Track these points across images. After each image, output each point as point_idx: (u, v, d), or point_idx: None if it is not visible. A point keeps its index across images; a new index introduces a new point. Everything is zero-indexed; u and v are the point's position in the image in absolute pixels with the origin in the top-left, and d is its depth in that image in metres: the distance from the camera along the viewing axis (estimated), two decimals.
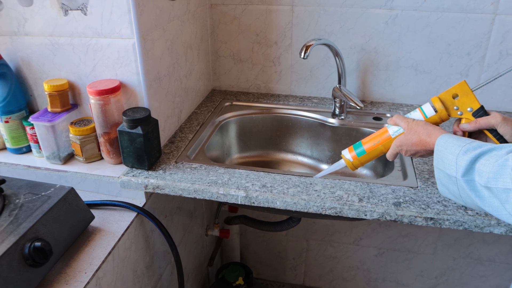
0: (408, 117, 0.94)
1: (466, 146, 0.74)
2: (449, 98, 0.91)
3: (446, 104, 0.91)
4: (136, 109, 1.07)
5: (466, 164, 0.72)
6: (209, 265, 1.71)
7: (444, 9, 1.33)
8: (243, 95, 1.57)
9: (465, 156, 0.72)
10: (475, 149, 0.72)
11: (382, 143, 0.96)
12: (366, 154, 0.99)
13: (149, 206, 1.13)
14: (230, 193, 1.00)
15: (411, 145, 0.89)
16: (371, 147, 0.98)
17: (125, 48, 1.04)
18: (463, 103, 0.90)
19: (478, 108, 0.89)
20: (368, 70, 1.46)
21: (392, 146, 0.94)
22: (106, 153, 1.13)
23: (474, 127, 0.88)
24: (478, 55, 1.37)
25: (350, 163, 1.01)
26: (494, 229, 0.92)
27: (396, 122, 0.95)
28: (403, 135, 0.91)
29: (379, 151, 0.98)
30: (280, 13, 1.43)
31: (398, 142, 0.92)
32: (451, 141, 0.79)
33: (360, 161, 1.00)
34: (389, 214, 0.94)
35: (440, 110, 0.91)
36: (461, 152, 0.74)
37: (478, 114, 0.89)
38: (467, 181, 0.72)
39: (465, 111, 0.90)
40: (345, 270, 1.88)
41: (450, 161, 0.76)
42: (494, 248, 1.66)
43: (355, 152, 1.00)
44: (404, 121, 0.92)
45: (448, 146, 0.78)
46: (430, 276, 1.80)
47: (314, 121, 1.41)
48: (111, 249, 0.95)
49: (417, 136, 0.88)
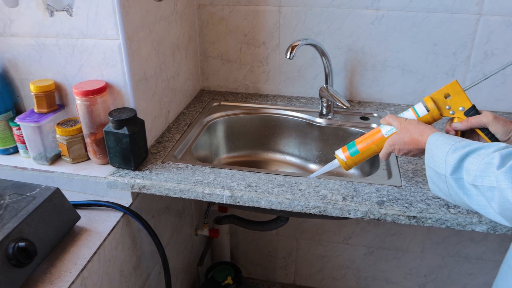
0: (400, 117, 0.95)
1: (455, 144, 0.75)
2: (441, 97, 0.92)
3: (438, 103, 0.92)
4: (122, 109, 1.07)
5: (454, 163, 0.72)
6: (199, 265, 1.71)
7: (430, 9, 1.34)
8: (232, 95, 1.57)
9: (454, 155, 0.73)
10: (464, 148, 0.73)
11: (375, 142, 0.97)
12: (359, 153, 0.99)
13: (136, 206, 1.13)
14: (215, 193, 1.01)
15: (404, 144, 0.90)
16: (365, 147, 0.98)
17: (111, 49, 1.05)
18: (455, 102, 0.91)
19: (470, 107, 0.90)
20: (355, 70, 1.47)
21: (385, 146, 0.94)
22: (92, 154, 1.13)
23: (466, 126, 0.89)
24: (463, 55, 1.39)
25: (344, 163, 1.02)
26: (476, 227, 0.94)
27: (389, 122, 0.95)
28: (396, 134, 0.92)
29: (372, 150, 0.98)
30: (267, 13, 1.44)
31: (391, 141, 0.92)
32: (441, 140, 0.79)
33: (354, 160, 1.01)
34: (373, 213, 0.95)
35: (432, 110, 0.92)
36: (450, 151, 0.75)
37: (469, 113, 0.90)
38: (455, 179, 0.72)
39: (457, 111, 0.91)
40: (335, 269, 1.89)
41: (439, 159, 0.77)
42: (482, 246, 1.68)
43: (349, 152, 1.00)
44: (397, 121, 0.93)
45: (438, 145, 0.79)
46: (419, 275, 1.82)
47: (301, 121, 1.42)
48: (97, 249, 0.95)
49: (410, 135, 0.89)
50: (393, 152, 0.94)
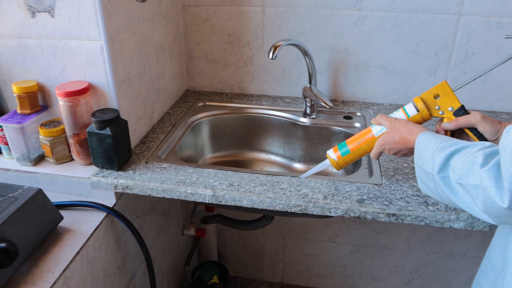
0: (391, 117, 0.95)
1: (442, 143, 0.76)
2: (430, 98, 0.93)
3: (427, 104, 0.93)
4: (105, 110, 1.08)
5: (441, 161, 0.74)
6: (186, 264, 1.72)
7: (411, 9, 1.36)
8: (217, 95, 1.58)
9: (440, 153, 0.74)
10: (450, 147, 0.74)
11: (366, 142, 0.98)
12: (350, 153, 1.00)
13: (120, 206, 1.14)
14: (198, 192, 1.02)
15: (394, 144, 0.91)
16: (355, 147, 0.99)
17: (93, 50, 1.05)
18: (444, 102, 0.92)
19: (459, 108, 0.91)
20: (339, 69, 1.49)
21: (376, 145, 0.95)
22: (76, 154, 1.13)
23: (455, 126, 0.90)
24: (445, 54, 1.41)
25: (335, 163, 1.02)
26: (454, 224, 0.95)
27: (379, 122, 0.96)
28: (386, 134, 0.93)
29: (363, 150, 0.99)
30: (251, 14, 1.45)
31: (381, 141, 0.93)
32: (430, 139, 0.80)
33: (345, 160, 1.01)
34: (353, 211, 0.96)
35: (422, 110, 0.93)
36: (438, 149, 0.76)
37: (458, 113, 0.91)
38: (442, 178, 0.73)
39: (446, 111, 0.92)
40: (322, 267, 1.91)
41: (427, 158, 0.78)
42: (465, 243, 1.70)
43: (340, 152, 1.01)
44: (387, 120, 0.94)
45: (427, 144, 0.80)
46: (405, 272, 1.84)
47: (286, 120, 1.44)
48: (80, 249, 0.96)
49: (399, 135, 0.89)
50: (383, 151, 0.94)
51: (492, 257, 0.79)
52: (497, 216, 0.64)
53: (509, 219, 0.64)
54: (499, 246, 0.77)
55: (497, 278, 0.75)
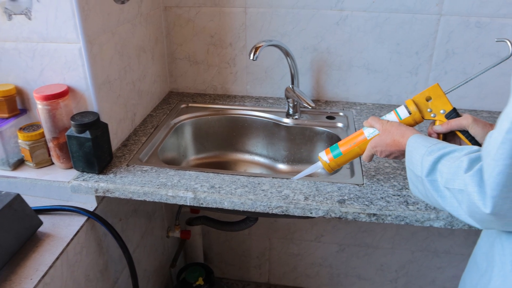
0: (383, 119, 0.95)
1: (431, 147, 0.76)
2: (422, 100, 0.93)
3: (420, 106, 0.93)
4: (84, 113, 1.07)
5: (429, 165, 0.74)
6: (171, 267, 1.71)
7: (392, 9, 1.37)
8: (200, 97, 1.57)
9: (429, 157, 0.74)
10: (439, 150, 0.74)
11: (358, 144, 0.98)
12: (342, 155, 1.00)
13: (101, 209, 1.13)
14: (179, 195, 1.01)
15: (386, 146, 0.90)
16: (348, 149, 0.99)
17: (72, 53, 1.04)
18: (436, 105, 0.92)
19: (451, 110, 0.91)
20: (321, 70, 1.49)
21: (368, 148, 0.95)
22: (56, 158, 1.12)
23: (446, 129, 0.90)
24: (426, 54, 1.42)
25: (327, 165, 1.02)
26: (433, 223, 0.96)
27: (371, 124, 0.96)
28: (378, 136, 0.93)
29: (355, 152, 0.99)
30: (233, 15, 1.45)
31: (373, 143, 0.93)
32: (419, 142, 0.80)
33: (337, 162, 1.01)
34: (334, 212, 0.97)
35: (414, 112, 0.93)
36: (426, 153, 0.76)
37: (450, 116, 0.91)
38: (430, 181, 0.73)
39: (438, 113, 0.92)
40: (308, 267, 1.91)
41: (417, 161, 0.78)
42: (449, 240, 1.72)
43: (332, 154, 1.01)
44: (379, 123, 0.94)
45: (417, 147, 0.80)
46: (390, 270, 1.85)
47: (269, 121, 1.44)
48: (59, 254, 0.95)
49: (391, 137, 0.89)
50: (375, 154, 0.94)
51: (477, 257, 0.79)
52: (482, 221, 0.64)
53: (493, 224, 0.64)
54: (484, 247, 0.77)
55: (480, 278, 0.75)
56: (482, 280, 0.74)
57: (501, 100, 1.45)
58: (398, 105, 1.49)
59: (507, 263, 0.67)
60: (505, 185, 0.58)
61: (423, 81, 1.46)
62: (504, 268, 0.68)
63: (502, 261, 0.68)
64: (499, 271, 0.69)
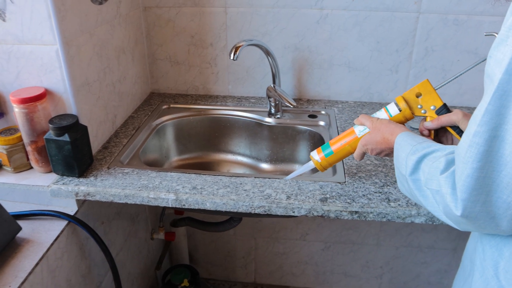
0: (373, 117, 0.95)
1: (416, 146, 0.76)
2: (412, 97, 0.92)
3: (410, 103, 0.92)
4: (63, 116, 1.05)
5: (412, 164, 0.73)
6: (156, 269, 1.70)
7: (372, 8, 1.38)
8: (182, 97, 1.57)
9: (412, 156, 0.74)
10: (423, 149, 0.73)
11: (349, 143, 0.97)
12: (334, 154, 0.99)
13: (83, 213, 1.11)
14: (161, 197, 1.00)
15: (376, 144, 0.90)
16: (339, 148, 0.98)
17: (49, 55, 1.03)
18: (426, 101, 0.91)
19: (441, 106, 0.90)
20: (303, 68, 1.49)
21: (358, 146, 0.94)
22: (35, 162, 1.10)
23: (437, 125, 0.89)
24: (406, 51, 1.43)
25: (319, 164, 1.01)
26: (415, 219, 0.97)
27: (361, 122, 0.95)
28: (368, 134, 0.92)
29: (346, 151, 0.98)
30: (214, 15, 1.44)
31: (364, 141, 0.92)
32: (406, 140, 0.80)
33: (329, 161, 1.00)
34: (316, 210, 0.97)
35: (404, 109, 0.92)
36: (411, 152, 0.75)
37: (441, 111, 0.90)
38: (413, 180, 0.73)
39: (428, 109, 0.91)
40: (294, 265, 1.91)
41: (402, 160, 0.77)
42: (432, 236, 1.74)
43: (323, 153, 1.00)
44: (369, 121, 0.93)
45: (403, 145, 0.80)
46: (375, 266, 1.87)
47: (251, 121, 1.43)
48: (39, 259, 0.93)
49: (381, 135, 0.89)
50: (366, 152, 0.94)
51: (464, 261, 0.79)
52: (457, 222, 0.65)
53: (468, 226, 0.64)
54: (469, 249, 0.77)
55: (465, 282, 0.75)
56: (466, 283, 0.74)
57: (480, 96, 1.46)
58: (379, 103, 1.52)
59: (488, 268, 0.67)
60: (474, 188, 0.58)
61: (404, 79, 1.47)
62: (485, 273, 0.67)
63: (483, 266, 0.68)
64: (480, 276, 0.68)
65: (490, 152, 0.57)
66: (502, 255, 0.65)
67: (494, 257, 0.66)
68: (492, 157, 0.57)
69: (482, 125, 0.57)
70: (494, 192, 0.58)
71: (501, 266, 0.64)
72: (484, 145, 0.57)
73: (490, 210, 0.59)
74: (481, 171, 0.58)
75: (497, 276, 0.65)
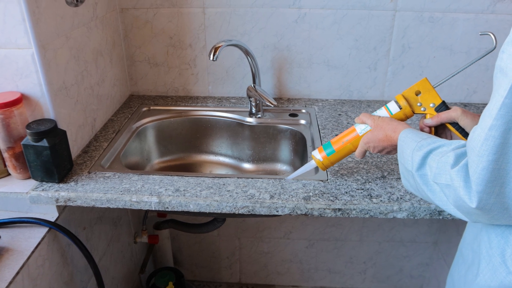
0: (374, 115, 0.96)
1: (421, 142, 0.77)
2: (412, 95, 0.94)
3: (409, 101, 0.94)
4: (41, 121, 1.03)
5: (419, 159, 0.75)
6: (140, 273, 1.68)
7: (349, 6, 1.39)
8: (162, 99, 1.55)
9: (419, 152, 0.75)
10: (429, 145, 0.75)
11: (351, 141, 0.98)
12: (335, 153, 0.99)
13: (64, 219, 1.09)
14: (143, 200, 1.00)
15: (378, 141, 0.91)
16: (340, 146, 0.99)
17: (24, 59, 1.00)
18: (426, 99, 0.93)
19: (440, 104, 0.92)
20: (282, 68, 1.50)
21: (360, 144, 0.95)
22: (12, 169, 1.08)
23: (436, 122, 0.90)
24: (383, 49, 1.45)
25: (321, 163, 1.02)
26: (397, 214, 0.98)
27: (363, 120, 0.96)
28: (370, 132, 0.93)
29: (348, 149, 0.99)
30: (192, 15, 1.43)
31: (366, 139, 0.93)
32: (410, 136, 0.81)
33: (330, 160, 1.01)
34: (300, 209, 0.97)
35: (404, 107, 0.93)
36: (416, 148, 0.77)
37: (440, 109, 0.92)
38: (420, 176, 0.74)
39: (428, 107, 0.93)
40: (279, 264, 1.92)
41: (407, 156, 0.79)
42: (414, 230, 1.76)
43: (325, 152, 1.00)
44: (371, 119, 0.94)
45: (407, 141, 0.81)
46: (359, 262, 1.89)
47: (232, 121, 1.43)
48: (20, 268, 0.91)
49: (383, 132, 0.90)
50: (368, 150, 0.95)
51: (463, 250, 0.81)
52: (469, 214, 0.66)
53: (480, 218, 0.66)
54: (468, 238, 0.79)
55: (467, 270, 0.77)
56: (470, 272, 0.75)
57: (455, 91, 1.50)
58: (359, 100, 1.53)
59: (495, 256, 0.68)
60: (489, 180, 0.60)
61: (382, 76, 1.49)
62: (492, 261, 0.69)
63: (489, 254, 0.69)
64: (487, 264, 0.70)
65: (505, 144, 0.59)
66: (508, 243, 0.67)
67: (500, 245, 0.68)
68: (507, 149, 0.59)
69: (498, 118, 0.59)
70: (508, 183, 0.60)
71: (508, 253, 0.66)
72: (500, 138, 0.59)
73: (504, 202, 0.61)
74: (496, 163, 0.60)
75: (505, 263, 0.66)
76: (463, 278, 0.78)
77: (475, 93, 1.50)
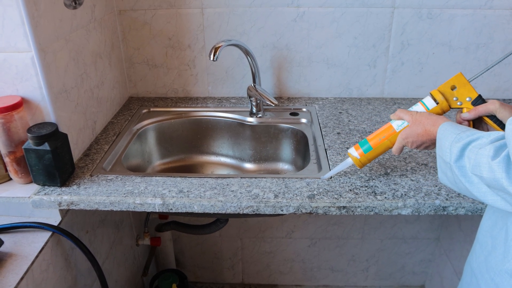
0: (411, 110, 0.96)
1: (460, 134, 0.78)
2: (448, 90, 0.94)
3: (445, 95, 0.94)
4: (42, 124, 1.03)
5: (457, 151, 0.75)
6: (143, 275, 1.67)
7: (348, 4, 1.39)
8: (161, 101, 1.55)
9: (457, 144, 0.76)
10: (467, 137, 0.75)
11: (388, 138, 0.97)
12: (372, 150, 0.99)
13: (66, 223, 1.09)
14: (147, 202, 0.99)
15: (417, 136, 0.91)
16: (377, 143, 0.98)
17: (24, 62, 1.00)
18: (462, 93, 0.93)
19: (476, 97, 0.92)
20: (282, 67, 1.50)
21: (398, 140, 0.95)
22: (14, 173, 1.07)
23: (474, 115, 0.90)
24: (382, 46, 1.45)
25: (358, 160, 1.01)
26: (401, 211, 0.98)
27: (400, 116, 0.96)
28: (408, 127, 0.93)
29: (385, 146, 0.99)
30: (190, 16, 1.43)
31: (404, 134, 0.93)
32: (449, 129, 0.82)
33: (368, 157, 1.00)
34: (304, 207, 0.97)
35: (441, 101, 0.94)
36: (455, 140, 0.77)
37: (477, 102, 0.92)
38: (459, 167, 0.75)
39: (464, 101, 0.93)
40: (281, 263, 1.92)
41: (446, 148, 0.79)
42: (416, 226, 1.77)
43: (362, 149, 1.00)
44: (408, 114, 0.94)
45: (446, 134, 0.81)
46: (361, 260, 1.89)
47: (232, 121, 1.43)
48: (24, 273, 0.91)
49: (422, 127, 0.90)
50: (406, 145, 0.94)
51: (480, 237, 0.81)
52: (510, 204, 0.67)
53: None
54: (486, 225, 0.80)
55: (487, 256, 0.77)
56: (491, 257, 0.76)
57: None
58: (359, 98, 1.53)
59: None
60: None
61: (381, 73, 1.49)
62: None
63: None
64: None
65: None
66: None
67: None
68: None
69: None
70: None
71: None
72: None
73: None
74: None
75: None
76: (484, 264, 0.78)
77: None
